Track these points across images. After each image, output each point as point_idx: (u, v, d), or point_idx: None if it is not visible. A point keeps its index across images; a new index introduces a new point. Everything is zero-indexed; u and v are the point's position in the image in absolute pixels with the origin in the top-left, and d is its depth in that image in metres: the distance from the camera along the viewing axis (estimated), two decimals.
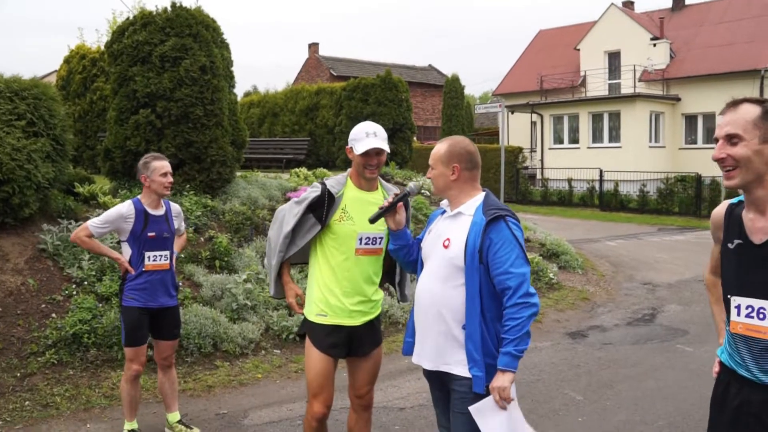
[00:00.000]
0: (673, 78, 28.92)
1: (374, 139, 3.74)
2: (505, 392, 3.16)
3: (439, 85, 42.98)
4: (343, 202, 3.84)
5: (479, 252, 3.16)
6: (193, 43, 9.12)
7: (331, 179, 3.94)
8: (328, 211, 3.81)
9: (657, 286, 11.47)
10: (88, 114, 15.21)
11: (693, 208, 22.68)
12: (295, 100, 19.89)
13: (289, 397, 6.04)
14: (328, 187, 3.85)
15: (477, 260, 3.17)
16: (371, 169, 3.80)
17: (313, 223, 3.83)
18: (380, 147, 3.74)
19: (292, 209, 3.89)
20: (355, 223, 3.81)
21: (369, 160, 3.78)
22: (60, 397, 5.73)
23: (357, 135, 3.79)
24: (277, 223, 4.00)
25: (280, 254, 3.91)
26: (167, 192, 4.89)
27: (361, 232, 3.81)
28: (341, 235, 3.81)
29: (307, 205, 3.81)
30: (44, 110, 7.38)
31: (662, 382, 6.47)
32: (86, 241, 4.85)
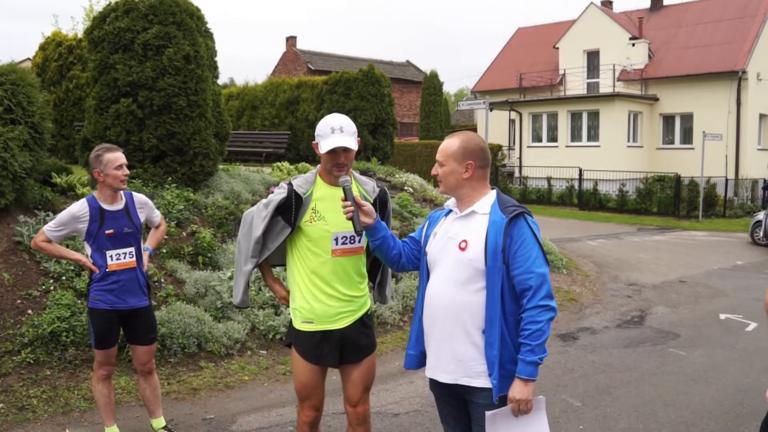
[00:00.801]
0: (651, 78, 29.05)
1: (339, 136, 3.44)
2: (528, 405, 2.98)
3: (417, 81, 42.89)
4: (313, 201, 3.58)
5: (502, 251, 2.98)
6: (177, 32, 8.80)
7: (298, 178, 3.67)
8: (296, 212, 3.55)
9: (643, 287, 11.42)
10: (63, 102, 14.77)
11: (672, 208, 22.80)
12: (276, 93, 19.57)
13: (278, 401, 5.80)
14: (295, 187, 3.58)
15: (500, 260, 2.98)
16: (339, 168, 3.50)
17: (283, 226, 3.58)
18: (345, 145, 3.44)
19: (260, 212, 3.63)
20: (328, 222, 3.55)
21: (336, 159, 3.48)
22: (37, 399, 5.42)
23: (322, 130, 3.49)
24: (246, 226, 3.73)
25: (253, 259, 3.65)
26: (123, 186, 4.54)
27: (336, 231, 3.55)
28: (314, 236, 3.56)
29: (273, 208, 3.55)
30: (22, 97, 7.04)
31: (660, 387, 6.34)
32: (44, 246, 4.55)
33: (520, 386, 2.96)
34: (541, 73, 32.73)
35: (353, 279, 3.63)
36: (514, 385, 2.97)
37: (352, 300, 3.63)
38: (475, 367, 3.05)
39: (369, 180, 3.83)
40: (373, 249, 3.43)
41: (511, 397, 2.97)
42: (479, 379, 3.04)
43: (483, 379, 3.03)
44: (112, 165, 4.47)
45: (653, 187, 23.57)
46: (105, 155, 4.49)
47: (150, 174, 8.74)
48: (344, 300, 3.60)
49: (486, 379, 3.02)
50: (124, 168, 4.51)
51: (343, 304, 3.59)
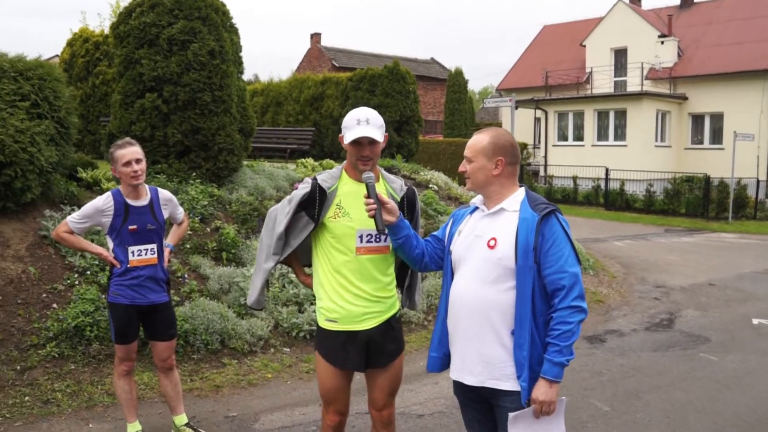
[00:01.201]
0: (680, 76, 28.60)
1: (365, 127, 3.32)
2: (552, 407, 2.89)
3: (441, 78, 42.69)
4: (338, 197, 3.47)
5: (534, 250, 2.88)
6: (202, 27, 8.79)
7: (323, 173, 3.57)
8: (320, 208, 3.45)
9: (671, 290, 11.19)
10: (90, 98, 14.83)
11: (700, 209, 22.40)
12: (300, 90, 19.53)
13: (301, 400, 5.74)
14: (320, 181, 3.48)
15: (531, 259, 2.89)
16: (364, 161, 3.38)
17: (306, 222, 3.48)
18: (370, 136, 3.31)
19: (283, 208, 3.54)
20: (353, 219, 3.43)
21: (361, 151, 3.36)
22: (61, 393, 5.42)
23: (348, 122, 3.38)
24: (269, 223, 3.64)
25: (275, 257, 3.56)
26: (136, 182, 4.44)
27: (360, 228, 3.42)
28: (338, 233, 3.44)
29: (297, 203, 3.45)
30: (49, 91, 7.05)
31: (691, 393, 6.18)
32: (66, 237, 4.50)
33: (545, 387, 2.87)
34: (568, 71, 32.40)
35: (379, 279, 3.50)
36: (539, 386, 2.88)
37: (379, 300, 3.51)
38: (503, 370, 2.95)
39: (397, 178, 3.72)
40: (395, 248, 3.34)
41: (534, 397, 2.88)
42: (507, 382, 2.95)
43: (511, 381, 2.94)
44: (120, 162, 4.42)
45: (681, 187, 23.17)
46: (115, 152, 4.44)
47: (174, 169, 8.73)
48: (370, 300, 3.47)
49: (514, 382, 2.93)
50: (133, 164, 4.40)
51: (369, 304, 3.47)
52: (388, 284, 3.57)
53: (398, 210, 3.24)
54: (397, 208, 3.23)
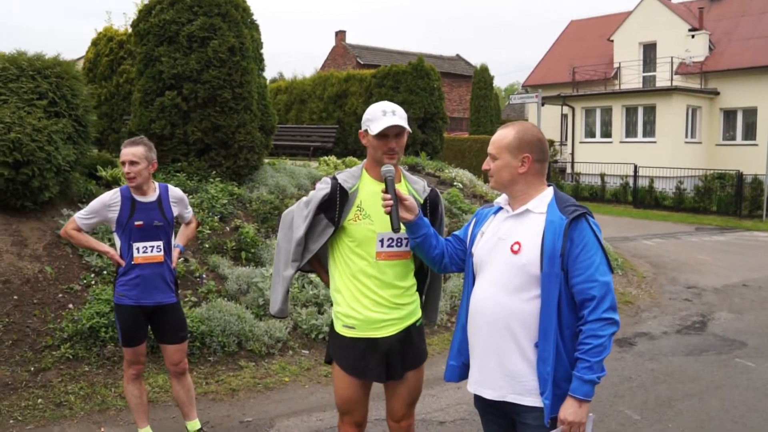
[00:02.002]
0: (711, 71, 27.95)
1: (392, 118, 3.14)
2: (581, 429, 2.67)
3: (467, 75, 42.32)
4: (359, 198, 3.27)
5: (561, 256, 2.67)
6: (222, 23, 8.67)
7: (343, 173, 3.37)
8: (341, 209, 3.25)
9: (703, 291, 10.86)
10: (114, 97, 14.83)
11: (733, 207, 21.87)
12: (324, 87, 19.39)
13: (319, 405, 5.58)
14: (340, 181, 3.28)
15: (558, 266, 2.67)
16: (391, 154, 3.19)
17: (326, 225, 3.28)
18: (400, 125, 3.14)
19: (301, 211, 3.35)
20: (374, 221, 3.23)
21: (387, 143, 3.18)
22: (74, 396, 5.33)
23: (373, 114, 3.20)
24: (285, 228, 3.45)
25: (295, 263, 3.37)
26: (131, 183, 4.34)
27: (382, 232, 3.23)
28: (358, 237, 3.25)
29: (316, 205, 3.25)
30: (66, 90, 6.99)
31: (727, 402, 5.90)
32: (73, 234, 4.43)
33: (574, 407, 2.65)
34: (595, 66, 31.90)
35: (398, 285, 3.31)
36: (567, 405, 2.66)
37: (398, 307, 3.31)
38: (525, 384, 2.75)
39: (420, 179, 3.51)
40: (412, 247, 3.16)
41: (563, 418, 2.66)
42: (530, 398, 2.74)
43: (534, 397, 2.73)
44: (120, 160, 4.38)
45: (713, 184, 22.64)
46: (121, 150, 4.40)
47: (194, 168, 8.63)
48: (389, 307, 3.28)
49: (537, 398, 2.72)
50: (126, 165, 4.32)
51: (388, 311, 3.28)
52: (408, 290, 3.37)
53: (417, 207, 3.06)
54: (416, 205, 3.05)
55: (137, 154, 4.34)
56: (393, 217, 2.95)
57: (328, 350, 3.46)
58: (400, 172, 3.39)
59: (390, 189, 2.98)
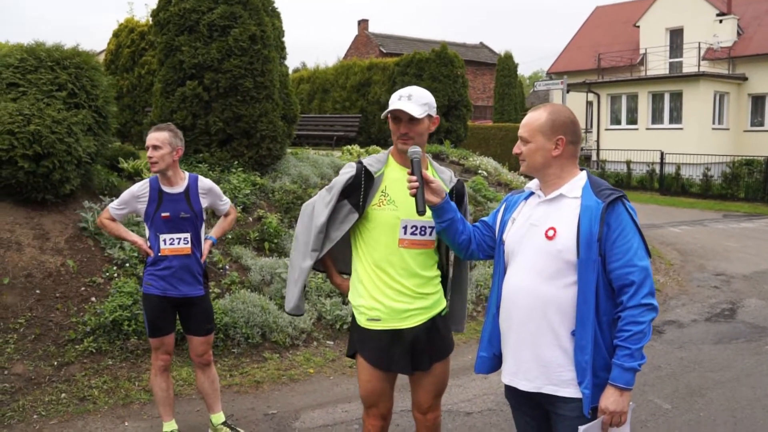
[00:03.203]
0: (739, 56, 27.40)
1: (404, 102, 3.06)
2: (623, 418, 2.59)
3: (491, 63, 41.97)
4: (384, 183, 3.19)
5: (598, 241, 2.58)
6: (243, 11, 8.59)
7: (369, 157, 3.29)
8: (366, 194, 3.17)
9: (732, 278, 10.66)
10: (136, 88, 14.88)
11: (761, 193, 21.50)
12: (346, 76, 19.28)
13: (344, 396, 5.51)
14: (366, 165, 3.20)
15: (595, 252, 2.58)
16: (404, 139, 3.10)
17: (349, 211, 3.19)
18: (404, 110, 3.03)
19: (323, 198, 3.26)
20: (398, 207, 3.15)
21: (398, 128, 3.10)
22: (98, 390, 5.30)
23: (392, 99, 3.14)
24: (305, 217, 3.35)
25: (314, 253, 3.25)
26: (153, 169, 4.30)
27: (406, 219, 3.14)
28: (381, 223, 3.16)
29: (340, 189, 3.17)
30: (86, 80, 6.95)
31: (759, 390, 5.76)
32: (107, 224, 4.43)
33: (615, 396, 2.57)
34: (621, 52, 31.43)
35: (421, 275, 3.21)
36: (608, 394, 2.58)
37: (422, 297, 3.21)
38: (562, 375, 2.66)
39: (446, 169, 3.42)
40: (438, 232, 3.05)
41: (603, 407, 2.58)
42: (567, 388, 2.66)
43: (571, 388, 2.65)
44: (146, 146, 4.32)
45: (740, 171, 22.25)
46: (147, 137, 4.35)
47: (216, 158, 8.59)
48: (413, 296, 3.19)
49: (574, 389, 2.64)
50: (150, 150, 4.28)
51: (412, 300, 3.18)
52: (432, 280, 3.27)
53: (444, 191, 2.95)
54: (442, 189, 2.94)
55: (160, 139, 4.29)
56: (418, 199, 2.84)
57: (351, 343, 3.38)
58: (427, 161, 3.29)
59: (416, 171, 2.87)
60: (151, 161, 4.27)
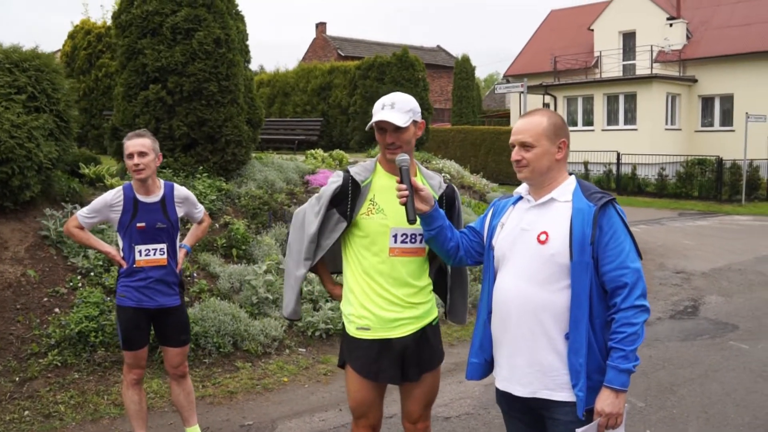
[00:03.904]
0: (689, 59, 28.11)
1: (387, 112, 3.01)
2: (619, 419, 2.59)
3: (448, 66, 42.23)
4: (372, 191, 3.14)
5: (591, 244, 2.58)
6: (207, 14, 8.43)
7: (356, 166, 3.25)
8: (353, 203, 3.13)
9: (691, 275, 10.91)
10: (93, 91, 14.58)
11: (714, 192, 22.09)
12: (307, 80, 19.19)
13: (320, 405, 5.43)
14: (353, 174, 3.15)
15: (588, 254, 2.59)
16: (392, 149, 3.05)
17: (338, 220, 3.15)
18: (388, 120, 2.98)
19: (313, 207, 3.22)
20: (387, 216, 3.10)
21: (384, 138, 3.05)
22: (64, 406, 5.10)
23: (375, 108, 3.09)
24: (297, 226, 3.31)
25: (307, 262, 3.22)
26: (137, 176, 4.13)
27: (395, 227, 3.09)
28: (371, 231, 3.12)
29: (328, 199, 3.13)
30: (46, 83, 6.73)
31: (727, 385, 5.88)
32: (75, 232, 4.23)
33: (611, 398, 2.57)
34: (576, 55, 31.93)
35: (412, 284, 3.16)
36: (604, 397, 2.58)
37: (413, 306, 3.16)
38: (556, 378, 2.66)
39: (436, 174, 3.36)
40: (427, 240, 3.01)
41: (600, 410, 2.58)
42: (562, 392, 2.65)
43: (566, 391, 2.64)
44: (125, 153, 4.16)
45: (693, 170, 22.85)
46: (124, 143, 4.18)
47: (181, 163, 8.41)
48: (403, 306, 3.13)
49: (569, 392, 2.64)
50: (135, 157, 4.10)
51: (402, 309, 3.13)
52: (423, 289, 3.22)
53: (433, 198, 2.92)
54: (431, 196, 2.91)
55: (146, 145, 4.15)
56: (408, 208, 2.80)
57: (341, 353, 3.32)
58: (416, 167, 3.25)
59: (405, 179, 2.83)
60: (138, 169, 4.11)
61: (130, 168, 4.13)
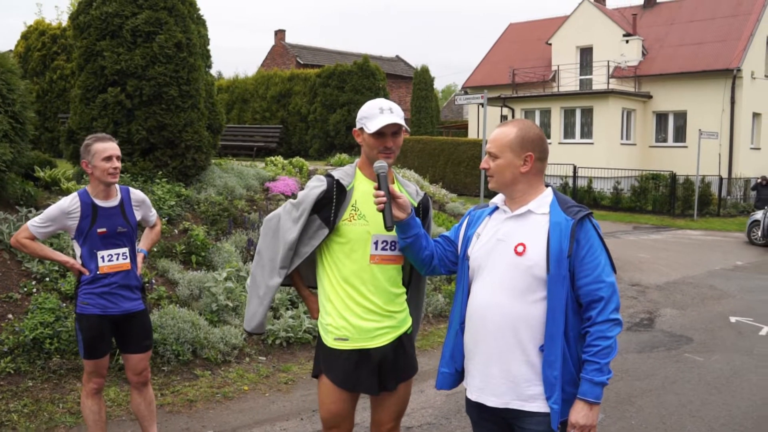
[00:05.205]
0: (644, 75, 28.79)
1: (390, 116, 2.99)
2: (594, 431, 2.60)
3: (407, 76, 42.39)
4: (354, 197, 3.09)
5: (568, 258, 2.59)
6: (168, 18, 8.34)
7: (337, 170, 3.18)
8: (337, 209, 3.07)
9: (647, 288, 11.13)
10: (47, 94, 14.25)
11: (667, 206, 22.59)
12: (267, 86, 19.10)
13: (281, 414, 5.36)
14: (338, 178, 3.10)
15: (565, 267, 2.60)
16: (387, 153, 3.01)
17: (319, 227, 3.08)
18: (398, 123, 2.98)
19: (290, 213, 3.13)
20: (369, 222, 3.06)
21: (384, 142, 3.00)
22: (17, 414, 4.93)
23: (369, 112, 3.03)
24: (269, 233, 3.21)
25: (283, 270, 3.13)
26: (113, 180, 4.05)
27: (377, 234, 3.06)
28: (353, 238, 3.06)
29: (311, 204, 3.06)
30: (1, 84, 6.56)
31: (683, 396, 5.99)
32: (27, 244, 4.05)
33: (585, 410, 2.59)
34: (534, 69, 32.40)
35: (390, 291, 3.13)
36: (578, 409, 2.60)
37: (390, 315, 3.13)
38: (528, 390, 2.66)
39: (411, 183, 3.34)
40: (402, 248, 2.99)
41: (574, 422, 2.60)
42: (534, 403, 2.66)
43: (538, 402, 2.65)
44: (100, 156, 3.99)
45: (648, 185, 23.35)
46: (94, 145, 4.01)
47: (139, 168, 8.28)
48: (381, 315, 3.10)
49: (542, 403, 2.64)
50: (114, 160, 4.02)
51: (380, 318, 3.10)
52: (399, 297, 3.20)
53: (410, 206, 2.91)
54: (409, 204, 2.90)
55: (117, 150, 4.08)
56: (386, 215, 2.80)
57: (316, 364, 3.24)
58: (393, 174, 3.23)
59: (383, 186, 2.82)
60: (115, 172, 4.04)
61: (104, 171, 4.00)
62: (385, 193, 2.80)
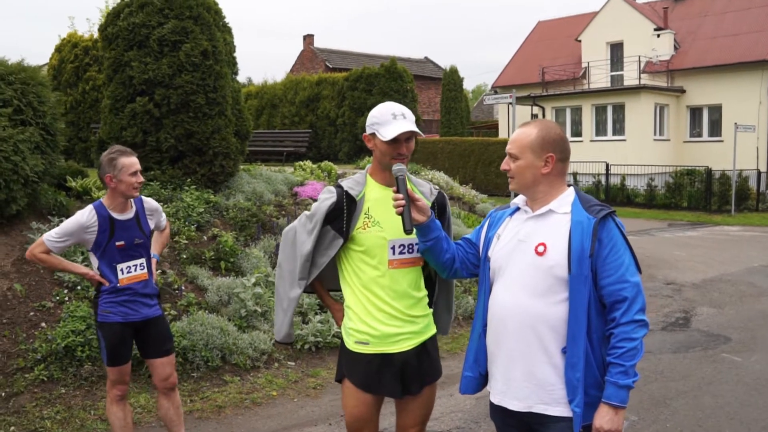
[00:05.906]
0: (677, 69, 28.31)
1: (404, 122, 2.97)
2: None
3: (436, 77, 42.35)
4: (366, 204, 3.09)
5: (590, 257, 2.54)
6: (194, 26, 8.41)
7: (346, 180, 3.18)
8: (349, 219, 3.07)
9: (682, 287, 10.90)
10: (80, 105, 14.48)
11: (703, 202, 22.17)
12: (295, 91, 19.18)
13: (309, 419, 5.37)
14: (346, 188, 3.09)
15: (587, 268, 2.54)
16: (400, 158, 2.99)
17: (333, 237, 3.09)
18: (413, 130, 2.97)
19: (305, 226, 3.15)
20: (384, 228, 3.05)
21: (398, 149, 2.98)
22: (50, 421, 5.01)
23: (381, 117, 3.01)
24: (287, 245, 3.24)
25: (302, 282, 3.15)
26: (136, 194, 4.11)
27: (393, 239, 3.05)
28: (369, 245, 3.06)
29: (323, 216, 3.07)
30: (32, 96, 6.67)
31: (720, 398, 5.84)
32: (43, 258, 4.08)
33: (610, 414, 2.53)
34: (564, 66, 32.09)
35: (412, 295, 3.11)
36: (603, 413, 2.54)
37: (413, 321, 3.11)
38: (552, 393, 2.61)
39: (425, 182, 3.32)
40: (422, 251, 2.98)
41: (598, 426, 2.54)
42: (557, 407, 2.61)
43: (562, 406, 2.60)
44: (128, 171, 4.03)
45: (682, 180, 22.93)
46: (120, 159, 4.03)
47: (168, 176, 8.36)
48: (403, 320, 3.08)
49: (565, 407, 2.59)
50: (139, 175, 4.09)
51: (402, 324, 3.08)
52: (421, 301, 3.17)
53: (429, 209, 2.89)
54: (428, 207, 2.88)
55: (139, 163, 4.15)
56: (405, 218, 2.78)
57: (339, 368, 3.24)
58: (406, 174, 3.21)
59: (402, 189, 2.81)
60: (139, 187, 4.11)
61: (130, 185, 4.04)
62: (403, 196, 2.78)
